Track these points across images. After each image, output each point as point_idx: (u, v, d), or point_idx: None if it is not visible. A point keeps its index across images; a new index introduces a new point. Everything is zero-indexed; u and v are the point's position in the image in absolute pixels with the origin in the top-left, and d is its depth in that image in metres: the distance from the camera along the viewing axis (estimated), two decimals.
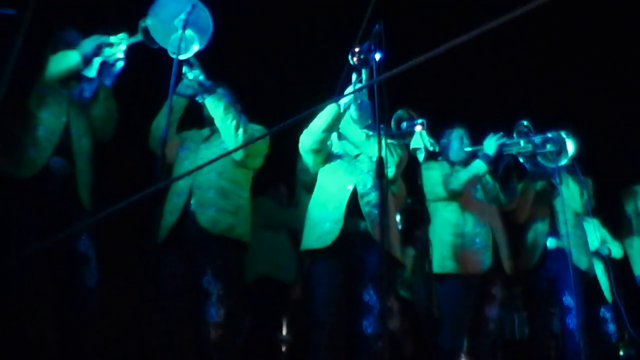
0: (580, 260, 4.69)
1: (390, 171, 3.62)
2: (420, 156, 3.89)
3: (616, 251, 5.48)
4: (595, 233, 5.15)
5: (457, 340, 4.14)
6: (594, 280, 4.95)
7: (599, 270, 5.11)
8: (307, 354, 3.54)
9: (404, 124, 3.99)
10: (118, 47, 3.42)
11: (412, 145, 3.89)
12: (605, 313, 5.18)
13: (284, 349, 5.27)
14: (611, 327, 5.19)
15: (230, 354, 3.49)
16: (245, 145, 3.64)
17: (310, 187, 3.95)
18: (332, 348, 3.40)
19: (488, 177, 4.53)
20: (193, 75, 3.59)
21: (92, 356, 3.34)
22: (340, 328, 3.44)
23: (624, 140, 6.63)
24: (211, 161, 3.42)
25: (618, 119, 6.87)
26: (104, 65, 3.47)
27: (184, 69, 3.57)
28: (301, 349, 5.12)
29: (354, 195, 3.60)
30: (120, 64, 3.47)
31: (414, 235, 5.91)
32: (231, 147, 3.65)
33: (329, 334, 3.41)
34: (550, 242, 4.74)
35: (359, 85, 3.42)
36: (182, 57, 3.27)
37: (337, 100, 3.53)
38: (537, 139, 4.40)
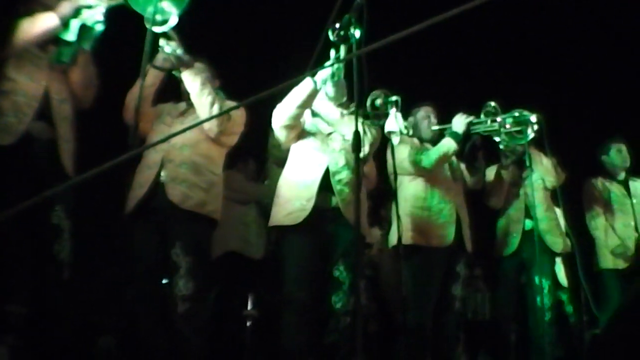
0: (554, 242, 4.78)
1: (364, 150, 3.62)
2: (395, 140, 3.89)
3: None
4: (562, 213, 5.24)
5: (423, 318, 4.16)
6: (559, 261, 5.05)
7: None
8: (273, 329, 3.55)
9: (378, 103, 3.98)
10: (97, 9, 3.32)
11: (387, 128, 3.89)
12: (561, 295, 5.28)
13: (249, 323, 5.26)
14: (569, 309, 5.30)
15: (198, 327, 3.47)
16: (216, 116, 3.60)
17: (281, 162, 3.93)
18: (303, 325, 3.42)
19: (453, 156, 4.55)
20: (171, 48, 3.53)
21: (63, 329, 3.30)
22: (311, 304, 3.44)
23: (586, 125, 6.75)
24: (182, 131, 3.36)
25: (582, 102, 6.98)
26: (83, 28, 3.38)
27: (162, 41, 3.50)
28: (267, 324, 5.13)
29: (326, 173, 3.60)
30: (99, 28, 3.38)
31: (380, 214, 5.95)
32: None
33: (299, 310, 3.42)
34: (527, 224, 4.81)
35: (336, 62, 3.40)
36: (157, 29, 3.22)
37: (312, 76, 3.50)
38: (505, 118, 4.42)
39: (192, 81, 3.62)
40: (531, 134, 4.38)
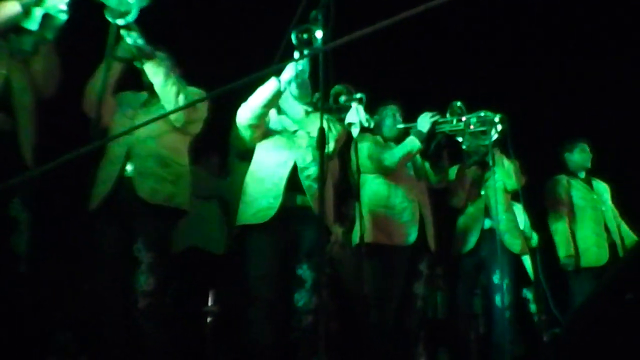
0: (513, 243, 4.82)
1: (329, 146, 3.62)
2: (355, 131, 3.90)
3: (535, 240, 5.65)
4: (522, 214, 5.29)
5: (385, 317, 4.18)
6: (520, 261, 5.10)
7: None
8: (233, 326, 3.53)
9: (342, 99, 3.99)
10: None
11: (347, 119, 3.90)
12: (527, 294, 5.34)
13: (209, 319, 5.23)
14: (532, 308, 5.35)
15: (158, 323, 3.44)
16: (182, 108, 3.56)
17: (244, 155, 3.91)
18: (267, 323, 3.42)
19: (417, 155, 4.57)
20: (132, 39, 3.48)
21: (19, 324, 3.24)
22: (275, 303, 3.45)
23: (551, 126, 6.84)
24: (147, 122, 3.29)
25: (548, 105, 7.07)
26: (46, 17, 3.31)
27: (123, 32, 3.44)
28: (228, 320, 5.10)
29: (293, 170, 3.59)
30: (62, 17, 3.32)
31: (342, 212, 5.95)
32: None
33: (264, 309, 3.42)
34: (486, 223, 4.85)
35: (300, 60, 3.40)
36: (120, 21, 3.18)
37: (277, 74, 3.49)
38: (469, 118, 4.45)
39: (155, 72, 3.56)
40: (495, 135, 4.42)
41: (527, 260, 5.28)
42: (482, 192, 4.95)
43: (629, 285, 2.71)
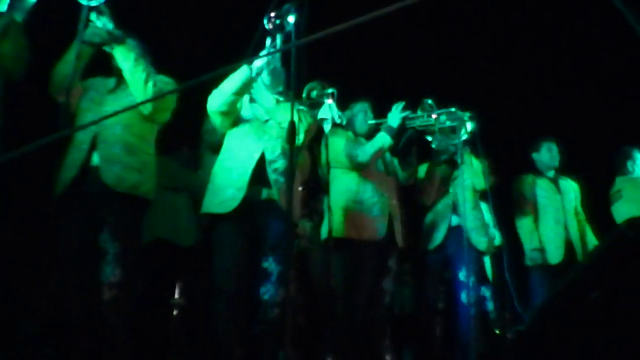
0: (479, 241, 4.85)
1: (299, 138, 3.61)
2: (327, 127, 3.90)
3: (498, 239, 5.69)
4: (489, 213, 5.33)
5: (352, 311, 4.19)
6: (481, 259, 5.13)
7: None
8: (200, 319, 3.52)
9: (314, 94, 3.99)
10: None
11: (320, 115, 3.89)
12: (485, 292, 5.37)
13: (175, 312, 5.19)
14: (489, 305, 5.39)
15: (124, 315, 3.41)
16: (153, 99, 3.52)
17: (215, 148, 3.89)
18: (232, 316, 3.40)
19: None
20: (102, 23, 3.43)
21: None
22: (240, 296, 3.43)
23: (521, 126, 6.90)
24: (116, 112, 3.27)
25: (515, 104, 7.13)
26: None
27: (93, 15, 3.39)
28: (194, 313, 5.07)
29: (261, 162, 3.58)
30: None
31: (311, 206, 5.94)
32: (139, 99, 3.50)
33: (229, 301, 3.41)
34: (453, 220, 4.88)
35: (272, 50, 3.39)
36: (91, 3, 3.14)
37: (249, 63, 3.47)
38: (440, 114, 4.47)
39: (125, 57, 3.51)
40: (465, 134, 4.45)
41: (487, 259, 5.31)
42: (451, 190, 4.97)
43: (593, 284, 2.74)
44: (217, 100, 3.60)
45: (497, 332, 5.62)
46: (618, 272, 2.65)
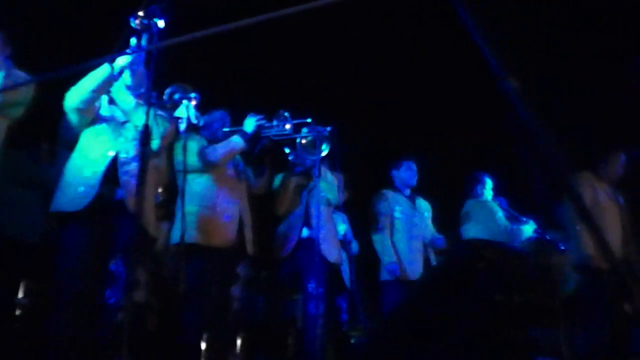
0: (330, 252, 4.94)
1: (155, 143, 3.58)
2: (181, 126, 3.88)
3: (354, 248, 5.83)
4: (342, 225, 5.45)
5: (201, 316, 4.17)
6: (337, 270, 5.23)
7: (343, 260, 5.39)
8: (46, 320, 3.40)
9: (177, 96, 3.95)
10: None
11: (176, 114, 3.87)
12: (341, 302, 5.48)
13: (19, 312, 4.98)
14: (344, 316, 5.51)
15: None
16: (3, 90, 3.39)
17: (71, 145, 3.78)
18: (75, 318, 3.31)
19: (239, 158, 4.61)
20: None
21: None
22: (84, 298, 3.35)
23: (378, 142, 7.11)
24: None
25: (377, 120, 7.35)
26: None
27: None
28: (39, 313, 4.88)
29: (115, 162, 3.52)
30: None
31: (170, 209, 5.87)
32: None
33: (72, 303, 3.31)
34: (304, 232, 4.94)
35: (136, 50, 3.35)
36: None
37: (111, 61, 3.41)
38: (298, 126, 4.55)
39: None
40: (324, 148, 4.54)
41: (344, 270, 5.43)
42: (304, 202, 5.04)
43: (431, 300, 2.89)
44: (75, 96, 3.51)
45: (352, 342, 5.74)
46: (452, 289, 2.80)
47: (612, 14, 6.86)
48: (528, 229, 5.80)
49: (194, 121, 3.96)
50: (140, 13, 3.20)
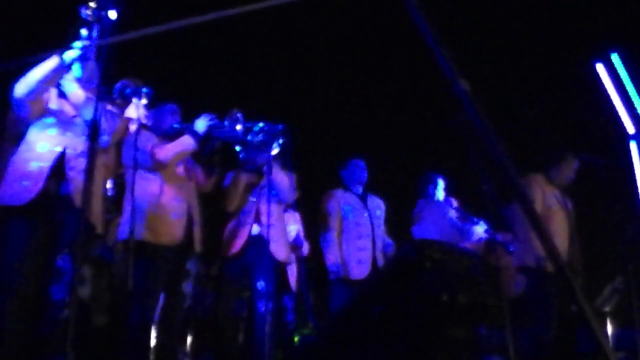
0: (278, 251, 4.92)
1: (104, 139, 3.52)
2: (132, 127, 3.85)
3: (305, 249, 5.83)
4: (294, 225, 5.45)
5: (148, 313, 4.12)
6: (284, 270, 5.23)
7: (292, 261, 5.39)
8: None
9: (128, 91, 3.90)
10: None
11: (126, 114, 3.83)
12: (288, 302, 5.47)
13: None
14: (290, 317, 5.50)
15: None
16: None
17: (17, 139, 3.71)
18: (20, 314, 3.26)
19: (190, 156, 4.57)
20: None
21: None
22: (28, 294, 3.30)
23: (330, 140, 7.14)
24: None
25: (328, 121, 7.38)
26: None
27: None
28: None
29: (62, 157, 3.47)
30: None
31: (119, 206, 5.80)
32: None
33: (17, 299, 3.27)
34: (254, 229, 4.92)
35: (87, 42, 3.30)
36: None
37: (61, 53, 3.35)
38: (251, 127, 4.53)
39: None
40: (275, 146, 4.53)
41: (291, 269, 5.42)
42: (254, 199, 5.02)
43: (377, 299, 2.90)
44: (22, 87, 3.45)
45: (296, 340, 5.75)
46: (398, 289, 2.83)
47: (565, 17, 6.99)
48: (479, 229, 5.87)
49: (143, 121, 3.92)
50: (92, 4, 3.15)
